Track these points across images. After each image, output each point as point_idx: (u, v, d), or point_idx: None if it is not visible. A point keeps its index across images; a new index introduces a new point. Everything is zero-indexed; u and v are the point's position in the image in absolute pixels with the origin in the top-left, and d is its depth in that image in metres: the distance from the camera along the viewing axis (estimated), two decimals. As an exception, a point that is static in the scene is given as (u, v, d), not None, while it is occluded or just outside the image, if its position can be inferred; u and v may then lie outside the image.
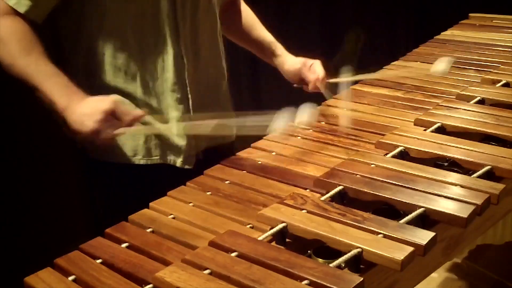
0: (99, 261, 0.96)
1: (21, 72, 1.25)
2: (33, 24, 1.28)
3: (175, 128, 1.40)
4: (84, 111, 1.22)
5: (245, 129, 1.31)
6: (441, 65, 1.46)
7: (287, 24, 2.95)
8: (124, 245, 1.00)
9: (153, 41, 1.35)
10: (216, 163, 1.29)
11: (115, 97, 1.25)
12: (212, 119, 1.33)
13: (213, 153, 1.44)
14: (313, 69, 1.59)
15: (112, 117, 1.22)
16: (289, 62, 1.64)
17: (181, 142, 1.40)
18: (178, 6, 1.36)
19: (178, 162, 1.41)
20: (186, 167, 1.41)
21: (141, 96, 1.37)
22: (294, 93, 1.68)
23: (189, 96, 1.40)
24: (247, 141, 1.39)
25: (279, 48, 1.67)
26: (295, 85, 1.65)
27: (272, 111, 1.23)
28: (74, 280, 0.92)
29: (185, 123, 1.40)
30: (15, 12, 1.26)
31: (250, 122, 1.30)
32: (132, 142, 1.39)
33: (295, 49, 1.68)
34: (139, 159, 1.40)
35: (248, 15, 1.68)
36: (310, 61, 1.61)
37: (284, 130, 1.34)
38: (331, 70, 1.63)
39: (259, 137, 1.39)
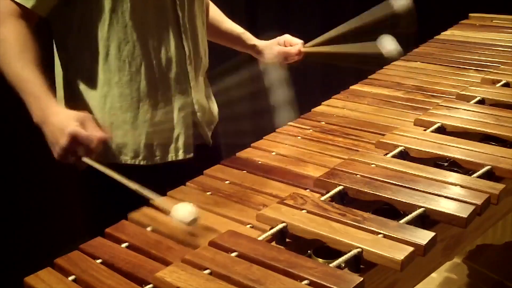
0: (99, 261, 0.96)
1: (8, 78, 1.25)
2: (36, 23, 1.29)
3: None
4: (48, 126, 1.23)
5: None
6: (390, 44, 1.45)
7: (287, 23, 2.95)
8: (124, 245, 1.00)
9: (156, 32, 1.37)
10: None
11: (73, 124, 1.21)
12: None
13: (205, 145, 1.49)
14: (290, 41, 1.75)
15: (75, 147, 1.21)
16: (266, 47, 1.75)
17: (180, 132, 1.42)
18: None
19: (180, 154, 1.43)
20: (187, 156, 1.43)
21: (144, 89, 1.38)
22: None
23: (191, 85, 1.43)
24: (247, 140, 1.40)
25: (251, 38, 1.76)
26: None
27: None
28: (74, 280, 0.92)
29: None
30: (21, 9, 1.27)
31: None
32: (133, 144, 1.39)
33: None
34: (139, 160, 1.40)
35: (215, 10, 1.74)
36: (281, 38, 1.76)
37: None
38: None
39: (259, 137, 1.40)
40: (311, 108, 1.55)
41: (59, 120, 1.22)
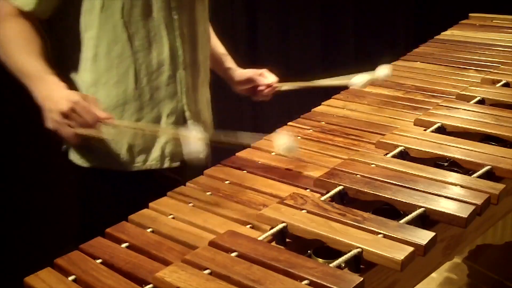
0: (99, 261, 0.96)
1: (12, 68, 1.27)
2: (37, 21, 1.30)
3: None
4: (50, 97, 1.23)
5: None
6: (383, 70, 1.42)
7: (287, 23, 2.95)
8: (124, 245, 1.00)
9: (147, 34, 1.35)
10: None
11: (77, 96, 1.23)
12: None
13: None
14: (265, 75, 1.66)
15: (72, 116, 1.21)
16: (239, 72, 1.69)
17: (168, 138, 1.40)
18: None
19: (166, 162, 1.41)
20: (174, 164, 1.41)
21: (131, 91, 1.36)
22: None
23: (183, 91, 1.41)
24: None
25: (229, 61, 1.71)
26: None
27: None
28: (74, 280, 0.92)
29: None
30: (20, 12, 1.27)
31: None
32: (115, 148, 1.37)
33: (296, 49, 1.70)
34: (120, 165, 1.37)
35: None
36: (259, 70, 1.67)
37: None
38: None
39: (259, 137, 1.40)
40: (311, 108, 1.55)
41: (65, 92, 1.24)
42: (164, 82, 1.38)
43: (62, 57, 1.37)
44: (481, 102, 1.47)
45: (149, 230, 1.05)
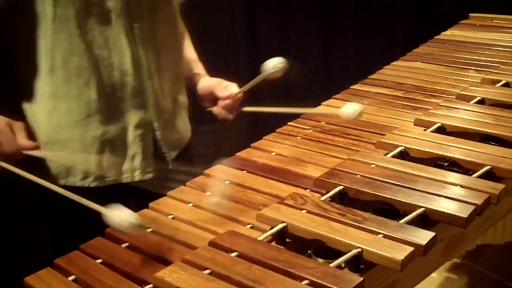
0: (99, 261, 0.96)
1: None
2: None
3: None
4: None
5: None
6: (352, 108, 1.30)
7: (287, 23, 2.95)
8: (124, 245, 1.00)
9: (107, 43, 1.27)
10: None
11: (8, 123, 1.17)
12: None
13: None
14: (228, 88, 1.51)
15: None
16: (204, 80, 1.57)
17: (136, 151, 1.34)
18: (132, 5, 1.28)
19: (137, 175, 1.35)
20: (146, 177, 1.35)
21: (94, 103, 1.28)
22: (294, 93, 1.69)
23: (150, 101, 1.34)
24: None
25: (198, 68, 1.59)
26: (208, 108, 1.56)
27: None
28: (74, 280, 0.92)
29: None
30: None
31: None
32: (82, 164, 1.31)
33: (296, 49, 1.69)
34: (90, 182, 1.32)
35: (182, 31, 1.58)
36: (226, 82, 1.53)
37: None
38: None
39: (259, 137, 1.40)
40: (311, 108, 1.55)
41: None
42: (129, 93, 1.31)
43: (22, 67, 1.30)
44: (481, 102, 1.47)
45: (149, 230, 1.05)
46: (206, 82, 1.56)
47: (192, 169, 1.27)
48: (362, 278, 0.83)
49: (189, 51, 1.60)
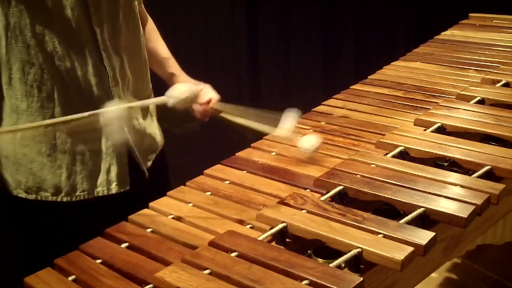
0: (99, 261, 0.96)
1: None
2: None
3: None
4: None
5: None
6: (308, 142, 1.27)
7: (287, 23, 2.95)
8: (124, 245, 1.00)
9: (67, 52, 1.21)
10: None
11: None
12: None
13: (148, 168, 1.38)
14: (204, 93, 1.48)
15: None
16: (180, 80, 1.52)
17: (111, 162, 1.30)
18: (92, 10, 1.22)
19: (113, 188, 1.30)
20: (122, 190, 1.32)
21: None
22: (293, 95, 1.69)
23: None
24: (246, 141, 1.39)
25: (173, 67, 1.55)
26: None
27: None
28: (74, 280, 0.92)
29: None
30: None
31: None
32: (52, 178, 1.26)
33: (296, 50, 1.69)
34: (62, 197, 1.28)
35: (151, 29, 1.55)
36: (201, 85, 1.50)
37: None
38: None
39: (259, 137, 1.39)
40: (311, 108, 1.55)
41: None
42: (97, 102, 1.20)
43: None
44: (481, 102, 1.47)
45: (149, 230, 1.05)
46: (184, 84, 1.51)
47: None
48: (362, 278, 0.83)
49: (161, 49, 1.55)
